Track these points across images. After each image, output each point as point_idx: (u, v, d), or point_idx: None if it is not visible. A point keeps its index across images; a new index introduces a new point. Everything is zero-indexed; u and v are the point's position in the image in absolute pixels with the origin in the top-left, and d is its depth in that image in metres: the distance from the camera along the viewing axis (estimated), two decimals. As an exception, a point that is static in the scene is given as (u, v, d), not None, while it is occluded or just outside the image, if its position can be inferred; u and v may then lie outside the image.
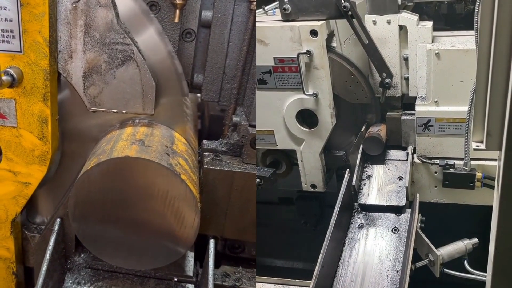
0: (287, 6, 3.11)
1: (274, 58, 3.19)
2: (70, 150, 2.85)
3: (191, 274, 2.78)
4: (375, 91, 3.44)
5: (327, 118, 3.31)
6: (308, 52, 3.10)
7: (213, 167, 2.71)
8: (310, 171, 3.56)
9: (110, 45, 2.51)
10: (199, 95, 3.11)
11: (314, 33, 3.06)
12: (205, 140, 2.87)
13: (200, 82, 2.90)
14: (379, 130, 3.43)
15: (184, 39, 2.84)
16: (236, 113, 2.84)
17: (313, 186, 3.63)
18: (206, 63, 2.83)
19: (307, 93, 3.23)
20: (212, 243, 2.74)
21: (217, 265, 2.96)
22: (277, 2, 3.24)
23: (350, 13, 3.05)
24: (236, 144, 2.78)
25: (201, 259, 2.90)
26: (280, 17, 3.19)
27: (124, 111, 2.64)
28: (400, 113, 3.44)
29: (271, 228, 4.39)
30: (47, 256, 2.58)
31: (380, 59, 3.23)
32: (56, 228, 2.68)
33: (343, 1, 3.01)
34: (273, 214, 4.51)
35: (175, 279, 2.75)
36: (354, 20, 3.09)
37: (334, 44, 3.33)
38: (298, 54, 3.11)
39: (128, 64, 2.54)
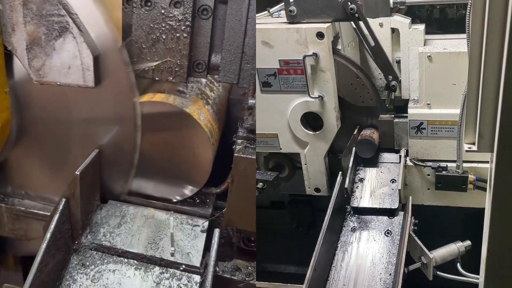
0: (293, 8, 3.11)
1: (279, 60, 3.19)
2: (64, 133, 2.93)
3: (198, 264, 2.75)
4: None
5: (332, 121, 3.31)
6: (314, 54, 3.10)
7: (245, 156, 2.61)
8: (314, 174, 3.56)
9: (47, 17, 2.55)
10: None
11: (320, 35, 3.06)
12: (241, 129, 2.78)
13: (218, 62, 2.75)
14: (372, 133, 3.43)
15: (200, 17, 2.69)
16: (254, 95, 2.73)
17: (317, 190, 3.62)
18: (223, 42, 2.67)
19: (312, 95, 3.22)
20: (217, 232, 2.74)
21: (230, 258, 2.96)
22: (282, 4, 3.24)
23: (356, 15, 3.05)
24: (250, 129, 2.69)
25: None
26: (285, 19, 3.19)
27: (66, 83, 2.67)
28: (393, 115, 3.44)
29: (263, 232, 4.38)
30: (48, 235, 2.59)
31: (386, 61, 3.23)
32: (60, 207, 2.69)
33: (349, 3, 3.01)
34: (265, 218, 4.50)
35: (181, 268, 2.72)
36: (360, 22, 3.09)
37: (339, 46, 3.33)
38: (304, 57, 3.11)
39: (65, 36, 2.57)
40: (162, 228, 2.92)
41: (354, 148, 3.39)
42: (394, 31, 3.36)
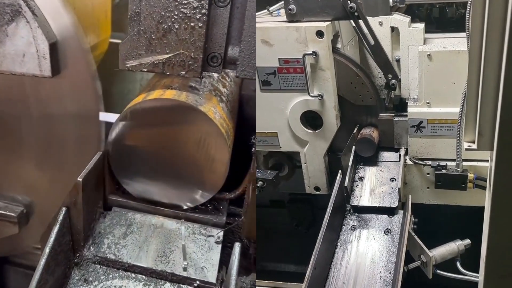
0: (293, 6, 3.10)
1: (279, 59, 3.18)
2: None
3: (213, 280, 2.53)
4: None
5: (332, 119, 3.31)
6: (314, 53, 3.10)
7: None
8: (314, 173, 3.56)
9: None
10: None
11: (320, 34, 3.06)
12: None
13: (235, 55, 2.47)
14: (371, 131, 3.43)
15: (217, 4, 2.39)
16: None
17: (317, 188, 3.62)
18: (243, 33, 2.41)
19: (312, 94, 3.22)
20: (237, 247, 2.48)
21: (247, 272, 2.77)
22: (282, 3, 3.23)
23: (356, 13, 3.05)
24: None
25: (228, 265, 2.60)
26: (284, 18, 3.18)
27: (21, 72, 2.48)
28: (393, 114, 3.43)
29: (263, 231, 4.39)
30: (47, 250, 2.32)
31: (386, 60, 3.23)
32: (60, 218, 2.42)
33: (349, 2, 3.01)
34: (265, 217, 4.51)
35: (195, 284, 2.49)
36: (360, 21, 3.08)
37: (338, 45, 3.33)
38: (304, 55, 3.11)
39: (18, 20, 2.39)
40: (173, 238, 2.70)
41: (353, 147, 3.39)
42: (393, 29, 3.36)
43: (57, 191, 2.76)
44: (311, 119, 3.38)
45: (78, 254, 2.57)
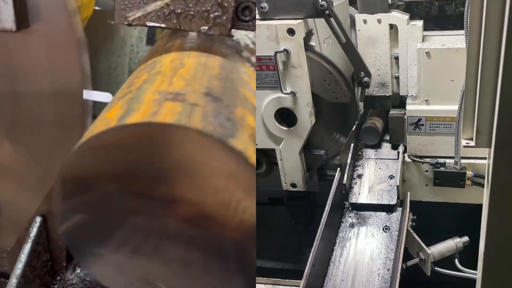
0: (265, 4, 3.09)
1: None
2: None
3: None
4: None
5: (305, 117, 3.30)
6: (285, 50, 3.08)
7: None
8: (290, 170, 3.55)
9: None
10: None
11: (291, 31, 3.04)
12: None
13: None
14: (374, 121, 3.45)
15: None
16: None
17: (293, 185, 3.62)
18: None
19: (285, 91, 3.21)
20: None
21: None
22: (254, 1, 3.24)
23: (327, 12, 3.03)
24: None
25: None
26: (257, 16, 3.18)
27: None
28: (403, 112, 3.38)
29: (261, 229, 4.38)
30: (14, 281, 1.65)
31: (358, 58, 3.22)
32: (33, 232, 1.73)
33: (320, 0, 3.00)
34: (263, 214, 4.51)
35: None
36: (332, 19, 3.07)
37: (313, 43, 3.31)
38: (275, 53, 3.09)
39: None
40: None
41: (352, 144, 3.39)
42: (392, 27, 3.35)
43: (31, 187, 2.30)
44: (288, 116, 3.36)
45: (59, 278, 1.90)
